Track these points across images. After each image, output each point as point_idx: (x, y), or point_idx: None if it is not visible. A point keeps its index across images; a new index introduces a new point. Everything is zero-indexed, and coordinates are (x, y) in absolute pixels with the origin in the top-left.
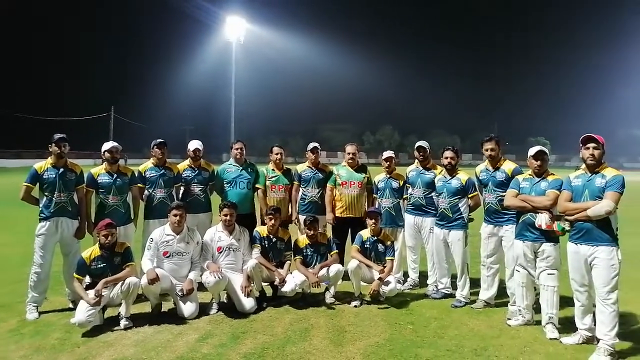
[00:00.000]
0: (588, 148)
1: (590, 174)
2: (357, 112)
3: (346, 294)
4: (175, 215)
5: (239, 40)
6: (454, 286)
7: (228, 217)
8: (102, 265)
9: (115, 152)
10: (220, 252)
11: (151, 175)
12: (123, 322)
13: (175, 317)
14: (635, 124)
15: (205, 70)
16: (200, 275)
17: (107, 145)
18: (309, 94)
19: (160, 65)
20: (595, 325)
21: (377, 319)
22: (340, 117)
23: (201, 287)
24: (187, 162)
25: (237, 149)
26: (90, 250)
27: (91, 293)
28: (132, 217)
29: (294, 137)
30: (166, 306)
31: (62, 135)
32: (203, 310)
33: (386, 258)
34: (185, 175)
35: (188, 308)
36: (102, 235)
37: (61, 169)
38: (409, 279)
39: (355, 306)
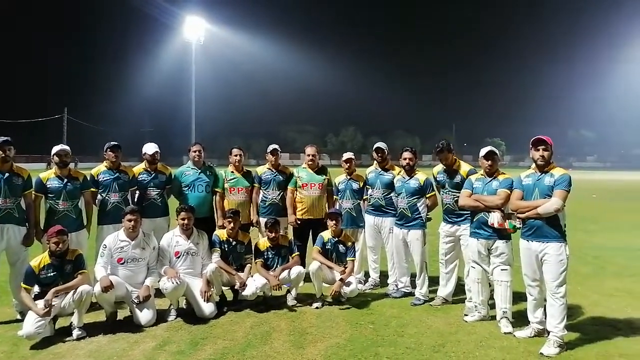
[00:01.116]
0: (538, 150)
1: (540, 174)
2: (319, 113)
3: (308, 295)
4: (129, 220)
5: (198, 41)
6: (413, 285)
7: (186, 221)
8: (52, 273)
9: (64, 155)
10: (178, 257)
11: (104, 179)
12: (76, 332)
13: (131, 325)
14: (583, 126)
15: (165, 70)
16: (158, 282)
17: (55, 149)
18: (272, 96)
19: (117, 66)
20: (545, 318)
21: (338, 320)
22: (303, 119)
23: (159, 293)
24: (142, 165)
25: (195, 151)
26: (39, 259)
27: (40, 303)
28: (85, 223)
29: (256, 139)
30: (122, 314)
31: (6, 138)
32: (161, 317)
33: (347, 259)
34: (140, 178)
35: (145, 315)
36: (53, 243)
37: (6, 174)
38: (370, 279)
39: (317, 308)
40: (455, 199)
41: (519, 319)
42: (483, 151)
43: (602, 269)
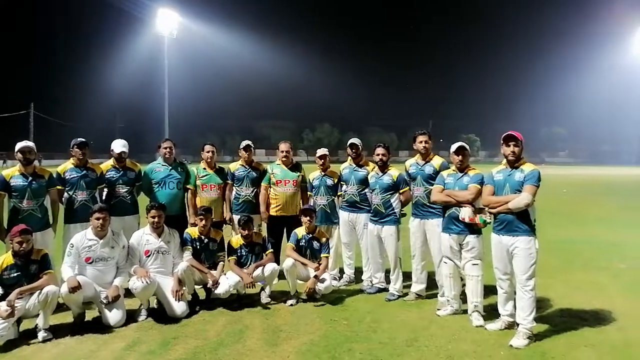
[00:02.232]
0: (509, 145)
1: (510, 169)
2: (296, 109)
3: (282, 293)
4: (97, 219)
5: (171, 34)
6: (388, 280)
7: (156, 219)
8: (16, 274)
9: (27, 152)
10: (149, 256)
11: (71, 176)
12: (41, 335)
13: (100, 326)
14: (555, 122)
15: (137, 65)
16: (127, 281)
17: (19, 145)
18: (247, 91)
19: (87, 60)
20: (515, 311)
21: (312, 317)
22: (280, 115)
23: (129, 293)
24: (110, 162)
25: (165, 147)
26: (2, 259)
27: (3, 305)
28: (51, 222)
29: (231, 135)
30: (90, 315)
31: None
32: (131, 317)
33: (321, 255)
34: (109, 176)
35: (114, 316)
36: (16, 242)
37: None
38: (344, 275)
39: (291, 305)
40: (426, 192)
41: (490, 312)
42: (454, 147)
43: (571, 262)
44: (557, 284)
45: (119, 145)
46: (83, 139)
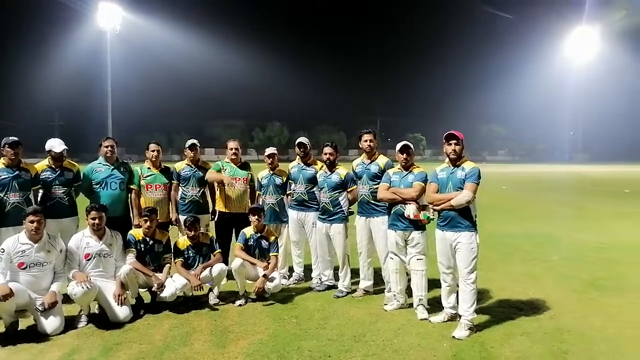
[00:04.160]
0: (450, 144)
1: (452, 167)
2: (246, 108)
3: (231, 293)
4: (31, 222)
5: (114, 29)
6: (336, 277)
7: (97, 221)
8: None
9: None
10: (89, 260)
11: (2, 177)
12: None
13: (36, 335)
14: (495, 122)
15: (78, 61)
16: (67, 286)
17: None
18: (196, 89)
19: (23, 55)
20: (458, 303)
21: (261, 316)
22: (229, 114)
23: (68, 299)
24: (46, 161)
25: (106, 146)
26: None
27: None
28: None
29: (180, 134)
30: (25, 323)
31: None
32: (70, 324)
33: (270, 254)
34: (44, 176)
35: (51, 323)
36: None
37: None
38: (294, 274)
39: (240, 305)
40: (372, 190)
41: (435, 305)
42: (399, 146)
43: (510, 255)
44: (497, 276)
45: (59, 144)
46: (15, 138)
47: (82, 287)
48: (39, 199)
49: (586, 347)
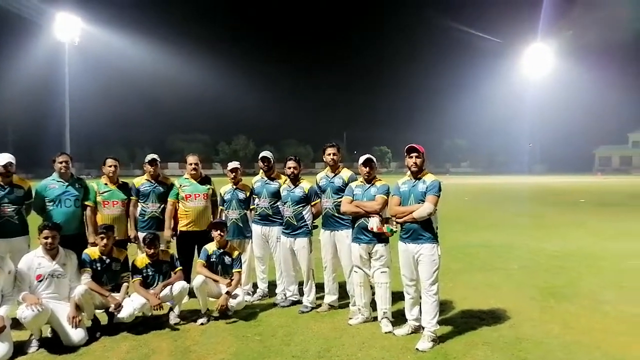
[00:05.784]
0: (411, 157)
1: (414, 180)
2: (211, 121)
3: (192, 312)
4: None
5: (73, 41)
6: (301, 293)
7: (49, 240)
8: None
9: None
10: (41, 281)
11: None
12: None
13: None
14: (459, 135)
15: (34, 73)
16: (16, 310)
17: None
18: (159, 103)
19: None
20: (421, 315)
21: (224, 335)
22: (193, 127)
23: (18, 323)
24: None
25: (60, 162)
26: None
27: None
28: None
29: (142, 148)
30: None
31: None
32: (19, 350)
33: (233, 270)
34: None
35: None
36: None
37: None
38: (258, 290)
39: (202, 324)
40: (336, 203)
41: (399, 318)
42: (361, 159)
43: (471, 265)
44: (458, 286)
45: (3, 157)
46: None
47: (33, 310)
48: None
49: (543, 355)
